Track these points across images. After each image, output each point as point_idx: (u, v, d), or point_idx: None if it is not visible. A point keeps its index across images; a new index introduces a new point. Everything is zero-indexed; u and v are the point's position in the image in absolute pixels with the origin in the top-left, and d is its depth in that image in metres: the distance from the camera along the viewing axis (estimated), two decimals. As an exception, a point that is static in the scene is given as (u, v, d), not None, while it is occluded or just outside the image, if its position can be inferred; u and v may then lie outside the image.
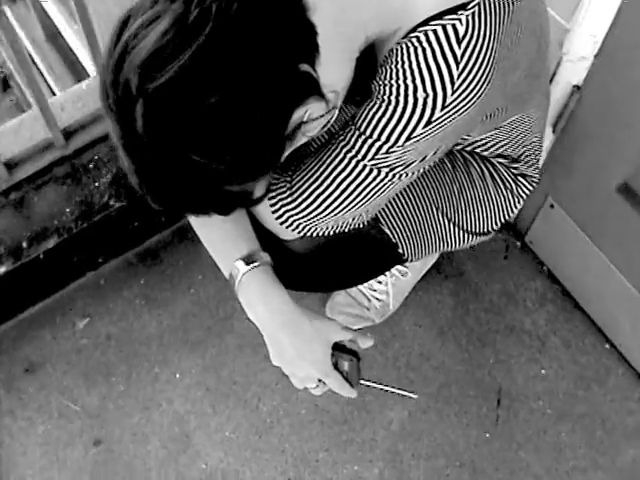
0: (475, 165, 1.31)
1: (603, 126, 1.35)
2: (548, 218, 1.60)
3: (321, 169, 1.01)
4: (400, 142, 0.92)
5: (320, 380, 1.13)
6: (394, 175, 0.97)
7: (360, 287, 1.60)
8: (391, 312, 1.63)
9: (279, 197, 1.05)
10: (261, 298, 1.07)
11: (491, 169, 1.32)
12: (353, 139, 0.96)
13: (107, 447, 1.51)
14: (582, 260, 1.58)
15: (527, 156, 1.33)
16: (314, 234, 1.08)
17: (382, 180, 0.98)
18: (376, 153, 0.94)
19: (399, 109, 0.90)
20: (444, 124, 0.90)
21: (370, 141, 0.94)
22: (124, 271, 1.67)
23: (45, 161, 1.52)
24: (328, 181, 1.01)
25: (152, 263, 1.69)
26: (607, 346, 1.64)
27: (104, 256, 1.64)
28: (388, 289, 1.59)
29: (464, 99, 0.88)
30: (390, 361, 1.61)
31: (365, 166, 0.96)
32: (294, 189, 1.04)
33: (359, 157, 0.96)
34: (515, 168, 1.33)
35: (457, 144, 1.26)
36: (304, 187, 1.03)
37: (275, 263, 1.16)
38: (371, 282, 1.60)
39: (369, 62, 0.96)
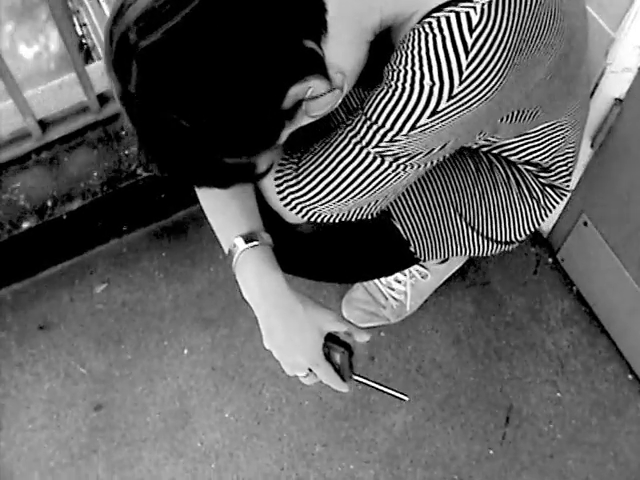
0: (500, 169, 1.26)
1: (644, 144, 1.29)
2: (581, 236, 1.54)
3: (326, 153, 0.99)
4: (404, 131, 0.89)
5: (311, 370, 1.11)
6: (398, 166, 0.94)
7: (379, 285, 1.57)
8: (408, 313, 1.59)
9: (284, 178, 1.04)
10: (256, 278, 1.05)
11: (517, 176, 1.27)
12: (359, 124, 0.93)
13: (107, 412, 1.52)
14: (611, 284, 1.51)
15: (558, 167, 1.27)
16: (318, 220, 1.06)
17: (386, 170, 0.95)
18: (380, 140, 0.92)
19: (405, 96, 0.87)
20: (451, 116, 0.87)
21: (375, 127, 0.91)
22: (147, 242, 1.68)
23: (79, 124, 1.54)
24: (332, 166, 0.98)
25: (176, 238, 1.69)
26: (630, 377, 1.57)
27: (129, 225, 1.65)
28: (406, 289, 1.56)
29: (473, 91, 0.84)
30: (401, 363, 1.57)
31: (369, 153, 0.94)
32: (299, 171, 1.02)
33: (363, 143, 0.93)
34: (544, 178, 1.28)
35: (483, 145, 1.22)
36: (309, 170, 1.01)
37: (281, 246, 1.15)
38: (390, 281, 1.56)
39: (386, 48, 0.93)
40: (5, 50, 2.60)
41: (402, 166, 0.94)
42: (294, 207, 1.05)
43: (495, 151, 1.24)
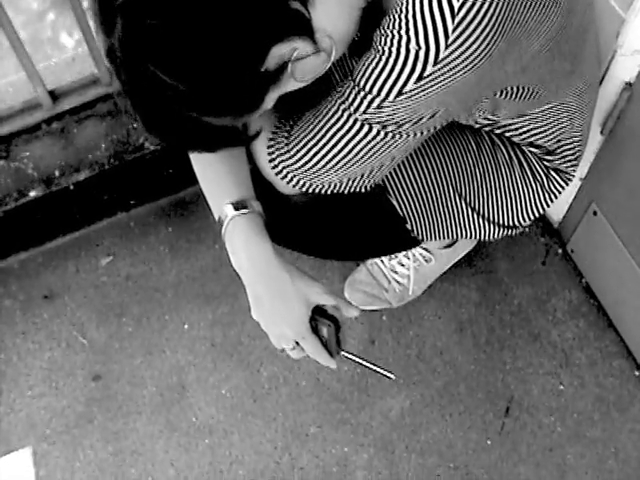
0: (503, 150, 1.24)
1: (654, 130, 1.25)
2: (590, 226, 1.50)
3: (316, 121, 0.98)
4: (391, 97, 0.87)
5: (298, 343, 1.10)
6: (386, 134, 0.93)
7: (382, 268, 1.56)
8: (410, 298, 1.57)
9: (276, 146, 1.03)
10: (244, 245, 1.04)
11: (521, 157, 1.25)
12: (348, 91, 0.92)
13: (105, 384, 1.53)
14: (620, 276, 1.47)
15: (564, 151, 1.25)
16: (310, 190, 1.05)
17: (374, 138, 0.94)
18: (367, 107, 0.90)
19: (391, 61, 0.85)
20: (439, 84, 0.85)
21: (362, 93, 0.90)
22: (154, 217, 1.69)
23: (89, 96, 1.55)
24: (321, 133, 0.97)
25: (183, 213, 1.69)
26: (636, 373, 1.53)
27: (136, 199, 1.66)
28: (410, 273, 1.54)
29: (459, 57, 0.82)
30: (402, 348, 1.56)
31: (356, 120, 0.92)
32: (290, 139, 1.02)
33: (351, 110, 0.92)
34: (548, 161, 1.26)
35: (486, 125, 1.19)
36: (299, 138, 1.00)
37: (275, 219, 1.14)
38: (393, 264, 1.55)
39: (379, 16, 0.92)
40: (48, 39, 2.62)
41: (390, 134, 0.93)
42: (285, 175, 1.05)
43: (498, 131, 1.22)
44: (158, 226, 1.68)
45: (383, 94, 0.88)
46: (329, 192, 1.06)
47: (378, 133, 0.93)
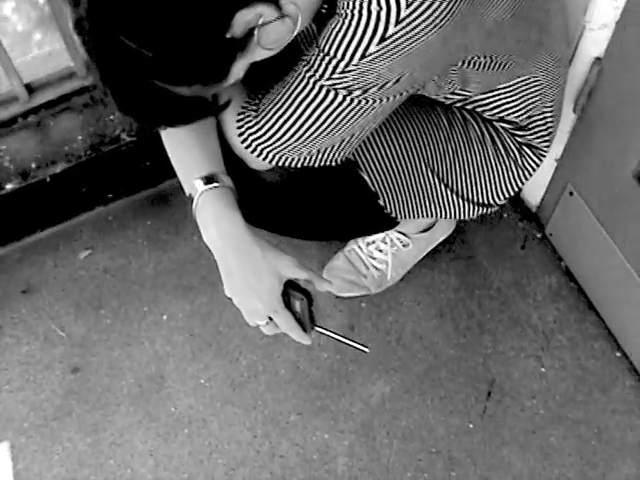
0: (475, 126, 1.24)
1: (624, 103, 1.25)
2: (567, 207, 1.50)
3: (283, 90, 0.98)
4: (355, 60, 0.87)
5: (272, 319, 1.09)
6: (352, 100, 0.93)
7: (360, 254, 1.55)
8: (389, 284, 1.57)
9: (245, 120, 1.03)
10: (214, 219, 1.04)
11: (493, 133, 1.25)
12: (313, 58, 0.92)
13: (83, 376, 1.52)
14: (599, 256, 1.47)
15: (536, 126, 1.25)
16: (280, 163, 1.05)
17: (340, 104, 0.94)
18: (332, 72, 0.90)
19: (353, 23, 0.86)
20: (401, 45, 0.85)
21: (327, 59, 0.90)
22: (133, 211, 1.68)
23: (65, 89, 1.55)
24: (288, 102, 0.98)
25: (161, 207, 1.69)
26: (618, 354, 1.52)
27: (114, 193, 1.66)
28: (387, 259, 1.53)
29: (420, 16, 0.82)
30: (381, 334, 1.55)
31: (322, 87, 0.93)
32: (259, 111, 1.02)
33: (317, 77, 0.92)
34: (520, 136, 1.26)
35: (457, 101, 1.20)
36: (267, 109, 1.01)
37: (247, 198, 1.15)
38: (371, 250, 1.54)
39: None
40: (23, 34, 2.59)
41: (357, 100, 0.93)
42: (254, 148, 1.05)
43: (469, 106, 1.22)
44: (136, 219, 1.67)
45: (347, 57, 0.88)
46: (299, 165, 1.06)
47: (344, 99, 0.93)
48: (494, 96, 1.19)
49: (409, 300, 1.59)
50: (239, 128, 1.05)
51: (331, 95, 0.93)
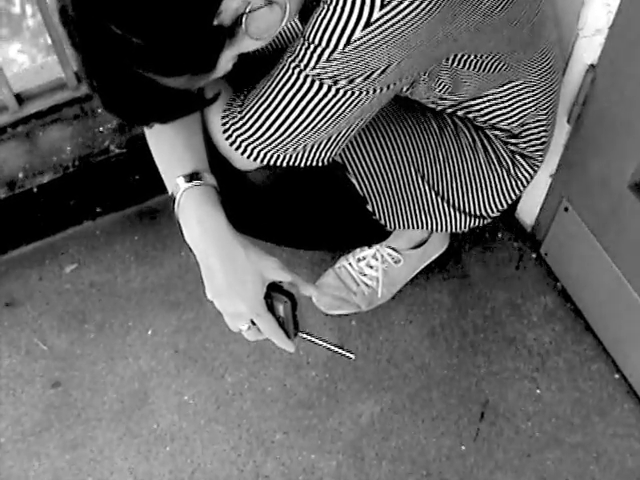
0: (466, 133, 1.22)
1: (619, 111, 1.23)
2: (563, 224, 1.47)
3: (268, 83, 0.96)
4: (340, 47, 0.86)
5: (255, 324, 1.06)
6: (337, 90, 0.91)
7: (350, 270, 1.52)
8: (380, 302, 1.53)
9: (230, 116, 1.01)
10: (196, 217, 1.01)
11: (484, 140, 1.23)
12: (298, 48, 0.91)
13: (64, 390, 1.47)
14: (595, 275, 1.44)
15: (529, 135, 1.23)
16: (266, 162, 1.03)
17: (325, 95, 0.92)
18: (317, 61, 0.89)
19: (338, 9, 0.85)
20: (387, 32, 0.83)
21: (312, 47, 0.88)
22: (121, 225, 1.66)
23: (55, 100, 1.54)
24: (272, 95, 0.96)
25: (150, 222, 1.66)
26: (616, 376, 1.47)
27: (102, 207, 1.63)
28: (378, 275, 1.50)
29: (405, 1, 0.81)
30: (371, 352, 1.50)
31: (307, 77, 0.91)
32: (243, 106, 1.00)
33: (301, 66, 0.91)
34: (513, 145, 1.24)
35: (448, 106, 1.18)
36: (251, 104, 0.99)
37: (233, 203, 1.12)
38: (362, 266, 1.51)
39: None
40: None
41: (342, 91, 0.91)
42: (238, 145, 1.02)
43: (460, 112, 1.20)
44: (124, 234, 1.65)
45: (332, 44, 0.86)
46: (285, 164, 1.03)
47: (329, 90, 0.91)
48: (486, 102, 1.17)
49: (401, 319, 1.55)
50: (224, 125, 1.02)
51: (316, 85, 0.91)
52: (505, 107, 1.18)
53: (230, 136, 1.02)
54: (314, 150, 1.02)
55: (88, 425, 1.44)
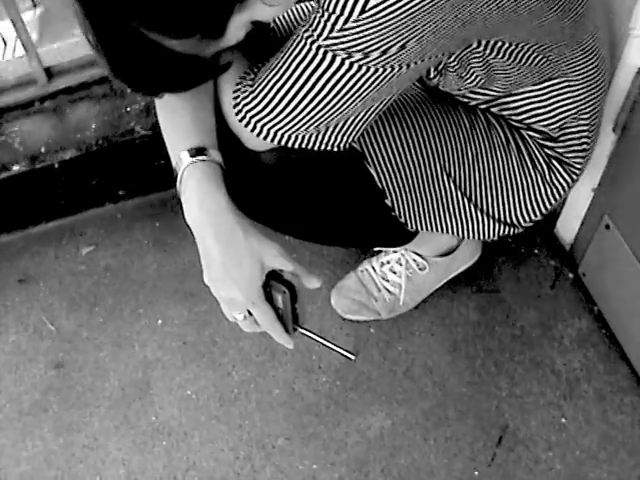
0: (499, 131, 1.14)
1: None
2: (603, 243, 1.37)
3: (280, 56, 0.90)
4: (354, 14, 0.79)
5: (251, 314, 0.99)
6: (351, 64, 0.84)
7: (372, 274, 1.44)
8: (402, 310, 1.45)
9: (242, 90, 0.95)
10: (197, 195, 0.96)
11: (519, 141, 1.15)
12: (313, 17, 0.84)
13: (66, 372, 1.43)
14: (635, 300, 1.32)
15: (569, 139, 1.14)
16: (277, 141, 0.96)
17: (338, 70, 0.85)
18: (331, 30, 0.82)
19: None
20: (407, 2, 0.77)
21: (326, 15, 0.82)
22: (142, 211, 1.62)
23: (85, 77, 1.51)
24: (284, 68, 0.89)
25: (172, 210, 1.62)
26: (651, 412, 1.36)
27: (126, 190, 1.60)
28: (401, 282, 1.42)
29: None
30: (388, 363, 1.42)
31: (319, 48, 0.84)
32: (255, 82, 0.94)
33: (314, 36, 0.84)
34: (550, 148, 1.15)
35: (482, 102, 1.10)
36: (262, 77, 0.93)
37: (243, 184, 1.06)
38: (385, 271, 1.43)
39: None
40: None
41: (356, 66, 0.84)
42: (248, 122, 0.96)
43: (494, 109, 1.12)
44: (145, 220, 1.61)
45: (347, 12, 0.79)
46: (297, 146, 0.97)
47: (342, 64, 0.84)
48: (523, 99, 1.09)
49: (422, 330, 1.46)
50: (234, 99, 0.97)
51: (328, 58, 0.84)
52: (543, 107, 1.09)
53: (240, 111, 0.96)
54: (329, 133, 0.95)
55: (86, 410, 1.39)
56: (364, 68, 0.85)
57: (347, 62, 0.84)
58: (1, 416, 1.39)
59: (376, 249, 1.45)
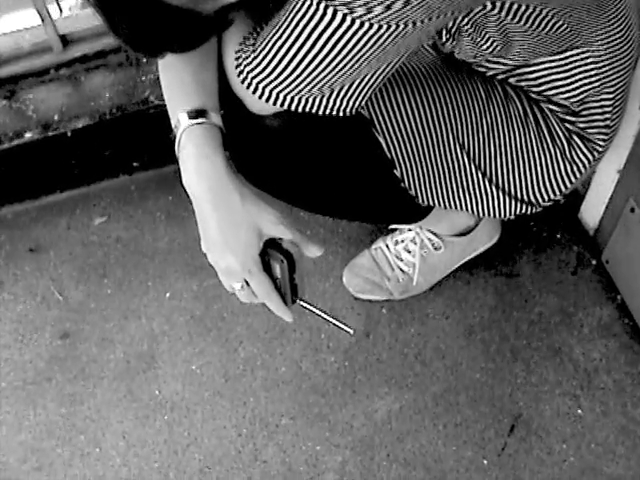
0: (517, 103, 1.08)
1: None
2: (628, 227, 1.30)
3: (281, 13, 0.86)
4: None
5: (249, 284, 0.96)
6: (353, 21, 0.79)
7: (386, 253, 1.39)
8: (415, 292, 1.40)
9: (243, 50, 0.92)
10: (194, 159, 0.93)
11: (537, 113, 1.09)
12: None
13: (72, 343, 1.41)
14: (659, 287, 1.27)
15: (591, 114, 1.08)
16: (279, 104, 0.92)
17: (340, 26, 0.80)
18: None
19: None
20: None
21: None
22: (157, 183, 1.59)
23: (101, 45, 1.49)
24: (284, 27, 0.85)
25: (187, 183, 1.60)
26: (673, 406, 1.30)
27: (140, 162, 1.57)
28: (415, 261, 1.37)
29: None
30: (399, 345, 1.38)
31: (320, 2, 0.80)
32: (257, 41, 0.90)
33: None
34: (571, 122, 1.09)
35: (499, 72, 1.05)
36: (264, 36, 0.89)
37: (247, 150, 1.03)
38: (399, 249, 1.38)
39: None
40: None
41: (358, 22, 0.79)
42: (250, 84, 0.92)
43: (512, 80, 1.07)
44: (159, 192, 1.58)
45: None
46: (301, 109, 0.93)
47: (344, 19, 0.80)
48: (542, 70, 1.03)
49: (436, 313, 1.41)
50: (236, 60, 0.93)
51: (329, 13, 0.80)
52: (564, 79, 1.03)
53: (242, 72, 0.92)
54: (334, 97, 0.91)
55: (89, 382, 1.37)
56: (367, 25, 0.80)
57: (349, 18, 0.79)
58: (5, 384, 1.38)
59: (391, 227, 1.41)
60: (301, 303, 0.99)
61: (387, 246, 1.40)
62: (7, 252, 1.53)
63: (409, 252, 1.38)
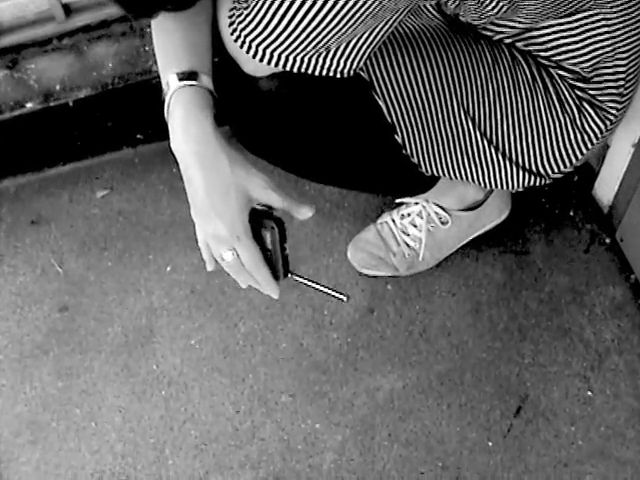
0: (525, 67, 1.04)
1: None
2: (643, 202, 1.25)
3: None
4: None
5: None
6: None
7: (392, 228, 1.35)
8: (421, 268, 1.36)
9: (236, 11, 0.88)
10: (182, 122, 0.90)
11: (546, 79, 1.04)
12: None
13: (70, 316, 1.39)
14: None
15: (604, 81, 1.04)
16: (274, 64, 0.88)
17: None
18: None
19: None
20: None
21: None
22: (161, 156, 1.56)
23: (104, 14, 1.46)
24: None
25: (191, 156, 1.57)
26: (687, 390, 1.24)
27: (144, 134, 1.54)
28: (422, 236, 1.32)
29: None
30: (404, 322, 1.34)
31: None
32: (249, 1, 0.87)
33: None
34: (581, 90, 1.04)
35: (505, 35, 1.00)
36: None
37: (242, 113, 1.00)
38: (405, 224, 1.34)
39: None
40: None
41: None
42: (243, 43, 0.89)
43: (520, 44, 1.02)
44: (162, 165, 1.55)
45: None
46: (296, 70, 0.89)
47: None
48: (551, 33, 0.98)
49: (443, 290, 1.37)
50: (230, 18, 0.89)
51: None
52: (574, 43, 0.99)
53: (235, 30, 0.89)
54: (330, 56, 0.87)
55: (86, 355, 1.35)
56: None
57: None
58: (1, 357, 1.36)
59: (397, 201, 1.36)
60: (293, 277, 0.95)
61: (393, 220, 1.36)
62: (8, 225, 1.51)
63: (415, 226, 1.33)
